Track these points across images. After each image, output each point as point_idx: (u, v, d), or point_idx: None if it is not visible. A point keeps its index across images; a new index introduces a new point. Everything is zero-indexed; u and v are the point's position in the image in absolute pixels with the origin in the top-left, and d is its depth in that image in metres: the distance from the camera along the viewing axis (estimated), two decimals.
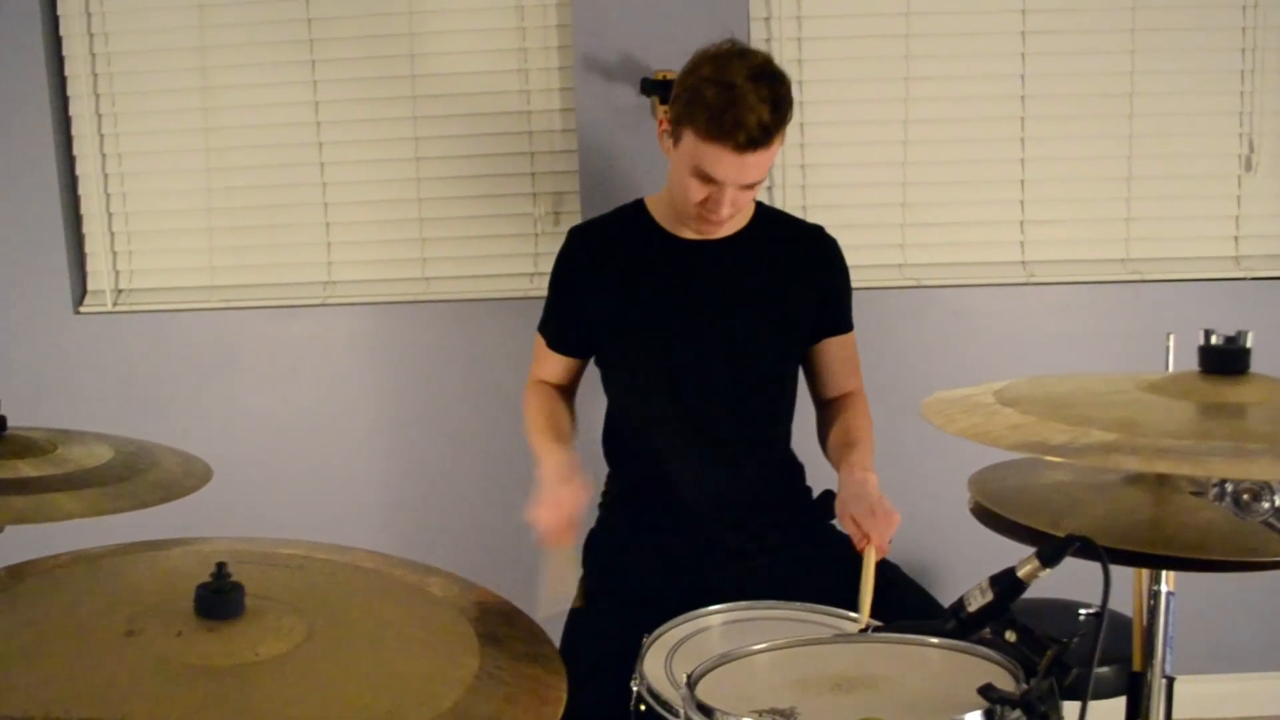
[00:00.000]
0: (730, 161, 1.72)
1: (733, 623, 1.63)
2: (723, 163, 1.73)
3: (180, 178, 2.69)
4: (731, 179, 1.75)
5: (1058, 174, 2.58)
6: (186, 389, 2.70)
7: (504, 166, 2.63)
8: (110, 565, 1.25)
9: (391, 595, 1.23)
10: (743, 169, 1.74)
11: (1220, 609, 2.57)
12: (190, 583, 1.07)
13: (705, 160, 1.74)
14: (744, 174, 1.75)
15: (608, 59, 2.49)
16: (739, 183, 1.76)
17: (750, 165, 1.73)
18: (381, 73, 2.62)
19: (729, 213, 1.80)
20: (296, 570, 1.25)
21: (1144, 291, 2.58)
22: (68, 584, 1.18)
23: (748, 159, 1.72)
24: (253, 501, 2.61)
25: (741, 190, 1.78)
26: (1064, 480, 1.48)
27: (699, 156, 1.74)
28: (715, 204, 1.78)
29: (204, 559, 1.27)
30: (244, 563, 1.25)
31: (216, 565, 1.06)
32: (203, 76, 2.64)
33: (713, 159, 1.73)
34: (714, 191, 1.78)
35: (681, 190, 1.81)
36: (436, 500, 2.71)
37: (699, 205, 1.81)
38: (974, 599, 1.14)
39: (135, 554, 1.30)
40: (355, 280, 2.70)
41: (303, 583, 1.21)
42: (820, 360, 2.02)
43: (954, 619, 1.15)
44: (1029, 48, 2.53)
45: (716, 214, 1.80)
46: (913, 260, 2.61)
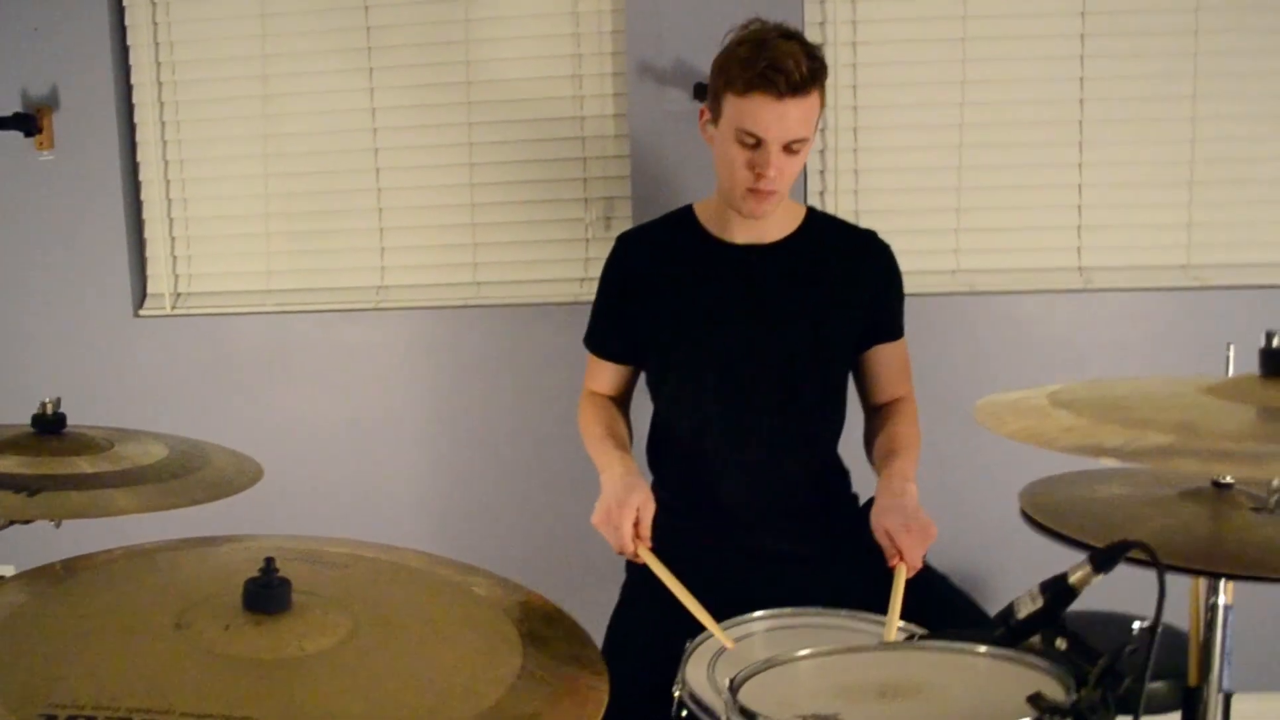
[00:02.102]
0: (771, 111, 1.72)
1: (776, 629, 1.61)
2: (764, 114, 1.72)
3: (239, 184, 2.74)
4: (774, 133, 1.74)
5: (1117, 178, 2.53)
6: (241, 390, 2.75)
7: (556, 172, 2.64)
8: (162, 560, 1.27)
9: (436, 594, 1.23)
10: (784, 120, 1.73)
11: None
12: (239, 578, 1.09)
13: (747, 116, 1.73)
14: (786, 126, 1.73)
15: (661, 65, 2.49)
16: (782, 138, 1.74)
17: (791, 116, 1.73)
18: (437, 80, 2.65)
19: (775, 175, 1.78)
20: (343, 568, 1.26)
21: (1206, 299, 2.51)
22: (120, 578, 1.20)
23: (788, 108, 1.72)
24: (302, 502, 2.64)
25: (786, 154, 1.76)
26: (1119, 494, 1.45)
27: (739, 115, 1.74)
28: (762, 165, 1.76)
29: (253, 555, 1.29)
30: (292, 559, 1.27)
31: (265, 560, 1.07)
32: (263, 85, 2.69)
33: (754, 112, 1.72)
34: (758, 155, 1.76)
35: (727, 166, 1.81)
36: (484, 504, 2.72)
37: (746, 171, 1.78)
38: (1024, 605, 1.11)
39: (186, 549, 1.32)
40: (408, 285, 2.73)
41: (349, 580, 1.22)
42: (870, 367, 1.99)
43: (1003, 626, 1.12)
44: (1088, 49, 2.48)
45: (764, 178, 1.77)
46: (967, 265, 2.57)
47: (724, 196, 1.88)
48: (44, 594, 1.12)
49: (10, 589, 1.12)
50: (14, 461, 1.44)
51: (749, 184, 1.79)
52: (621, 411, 2.05)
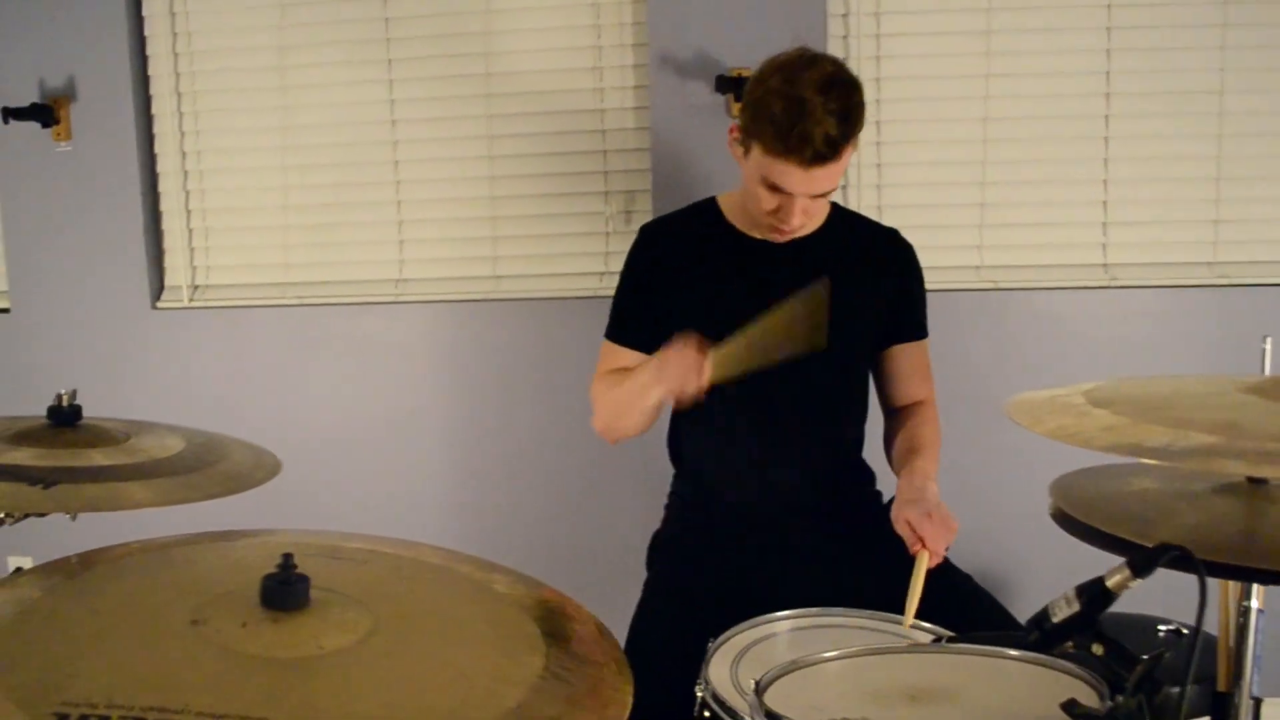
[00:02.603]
0: (798, 176, 1.70)
1: (801, 629, 1.59)
2: (790, 177, 1.70)
3: (257, 175, 2.73)
4: (800, 191, 1.73)
5: (1143, 174, 2.49)
6: (258, 383, 2.74)
7: (577, 165, 2.62)
8: (178, 555, 1.25)
9: (456, 591, 1.21)
10: (811, 182, 1.71)
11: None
12: (256, 574, 1.07)
13: (773, 173, 1.71)
14: (812, 186, 1.72)
15: (683, 56, 2.46)
16: (808, 194, 1.73)
17: (819, 178, 1.71)
18: (456, 71, 2.63)
19: (800, 222, 1.79)
20: (362, 564, 1.24)
21: (1232, 296, 2.48)
22: (135, 572, 1.18)
23: (815, 173, 1.70)
24: (320, 496, 2.63)
25: (812, 199, 1.76)
26: (1151, 488, 1.41)
27: (767, 169, 1.72)
28: (786, 214, 1.76)
29: (270, 551, 1.27)
30: (310, 555, 1.25)
31: (282, 556, 1.05)
32: (281, 76, 2.68)
33: (780, 173, 1.70)
34: (784, 201, 1.75)
35: (753, 198, 1.80)
36: (503, 500, 2.71)
37: (769, 214, 1.79)
38: (1059, 609, 1.09)
39: (203, 544, 1.30)
40: (427, 278, 2.71)
41: (368, 576, 1.20)
42: (890, 366, 1.97)
43: (1036, 630, 1.09)
44: (1114, 43, 2.45)
45: (787, 224, 1.78)
46: (990, 262, 2.54)
47: (748, 210, 1.87)
48: (58, 589, 1.10)
49: (24, 584, 1.10)
50: (29, 454, 1.42)
51: (772, 223, 1.80)
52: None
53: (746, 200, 1.85)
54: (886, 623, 1.59)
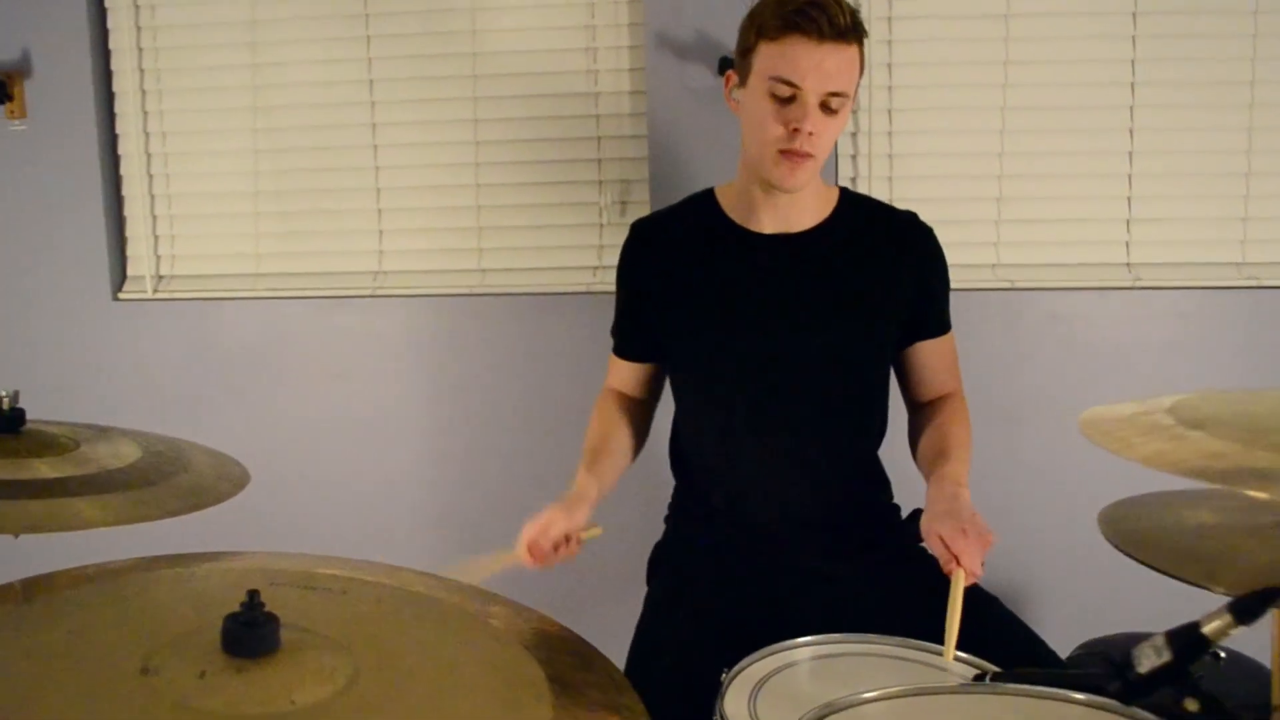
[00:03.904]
0: (809, 55, 1.57)
1: (822, 658, 1.45)
2: (801, 58, 1.57)
3: (226, 159, 2.57)
4: (811, 82, 1.58)
5: (1169, 169, 2.36)
6: (226, 382, 2.58)
7: (568, 152, 2.46)
8: (130, 584, 1.09)
9: (448, 627, 1.06)
10: (822, 67, 1.58)
11: None
12: (218, 610, 0.92)
13: (782, 62, 1.59)
14: (824, 75, 1.58)
15: (682, 37, 2.32)
16: (819, 88, 1.59)
17: (830, 64, 1.58)
18: (441, 50, 2.47)
19: (811, 132, 1.61)
20: (339, 595, 1.09)
21: (1262, 299, 2.35)
22: (79, 606, 1.02)
23: (827, 54, 1.57)
24: (291, 508, 2.48)
25: (823, 113, 1.61)
26: (1209, 522, 1.28)
27: (773, 63, 1.60)
28: (797, 120, 1.60)
29: (235, 580, 1.12)
30: (279, 585, 1.10)
31: (248, 594, 0.90)
32: (252, 53, 2.51)
33: (790, 57, 1.58)
34: (793, 110, 1.60)
35: (757, 126, 1.64)
36: (488, 508, 2.55)
37: (779, 129, 1.62)
38: (1145, 657, 0.94)
39: (157, 570, 1.14)
40: (408, 271, 2.55)
41: (347, 611, 1.05)
42: (915, 364, 1.83)
43: (1119, 680, 0.95)
44: (1140, 30, 2.31)
45: (799, 135, 1.61)
46: (1007, 260, 2.40)
47: (753, 167, 1.71)
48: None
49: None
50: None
51: (782, 144, 1.63)
52: (633, 416, 1.90)
53: (750, 144, 1.69)
54: (917, 651, 1.45)
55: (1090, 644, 1.94)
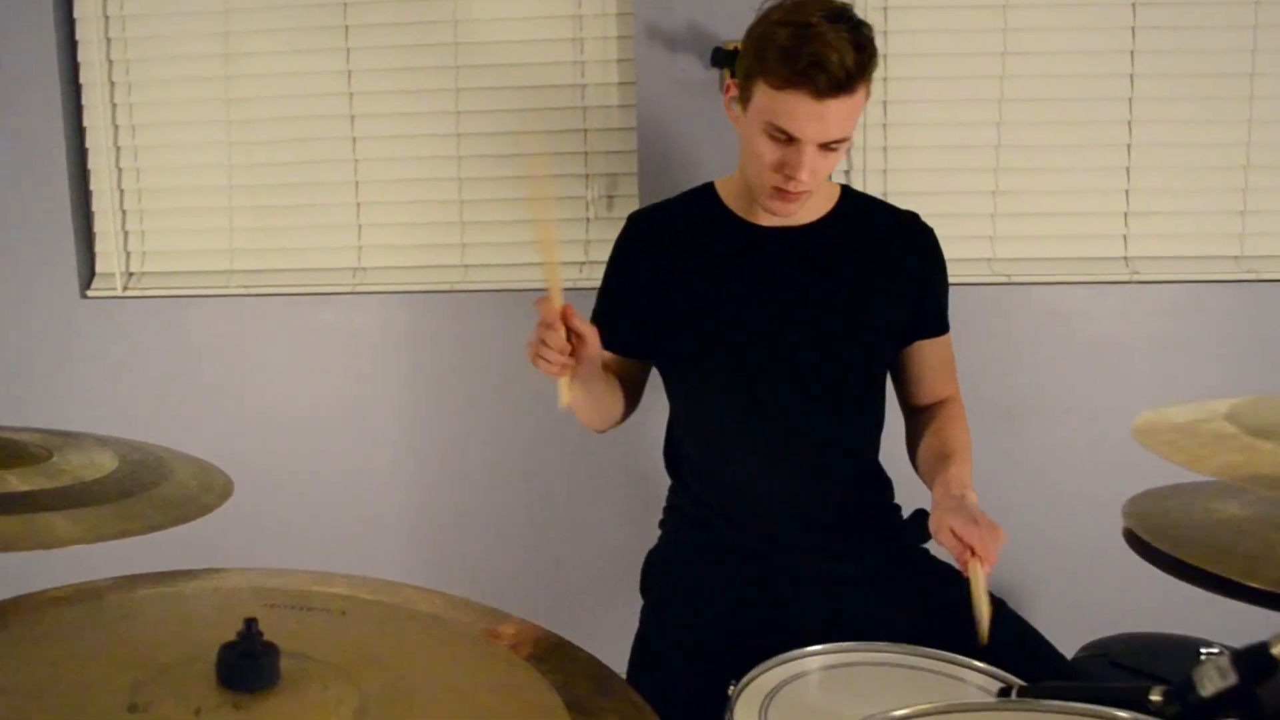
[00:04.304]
0: (808, 111, 1.50)
1: (833, 667, 1.40)
2: (800, 113, 1.50)
3: (198, 152, 2.47)
4: (810, 134, 1.52)
5: (1167, 161, 2.32)
6: (199, 383, 2.49)
7: (554, 145, 2.39)
8: (113, 606, 1.02)
9: (457, 650, 0.99)
10: (823, 120, 1.51)
11: None
12: (210, 634, 0.85)
13: (780, 113, 1.52)
14: (824, 128, 1.52)
15: (673, 27, 2.25)
16: (819, 139, 1.53)
17: (831, 117, 1.51)
18: (421, 40, 2.39)
19: (808, 179, 1.56)
20: (338, 617, 1.02)
21: (1260, 293, 2.33)
22: (56, 633, 0.95)
23: (829, 108, 1.50)
24: (267, 510, 2.40)
25: (822, 152, 1.55)
26: (1241, 515, 1.23)
27: (772, 109, 1.52)
28: (793, 167, 1.55)
29: (225, 601, 1.05)
30: (274, 605, 1.03)
31: (245, 622, 0.83)
32: (225, 42, 2.42)
33: (788, 110, 1.51)
34: (790, 154, 1.55)
35: (754, 158, 1.59)
36: (473, 511, 2.49)
37: (774, 173, 1.58)
38: (1209, 680, 0.89)
39: (140, 591, 1.07)
40: (387, 267, 2.47)
41: (348, 635, 0.98)
42: (913, 364, 1.79)
43: (1178, 703, 0.90)
44: (1140, 20, 2.27)
45: (795, 180, 1.56)
46: (1004, 254, 2.36)
47: (748, 181, 1.66)
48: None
49: None
50: None
51: (777, 184, 1.58)
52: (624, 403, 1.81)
53: (746, 168, 1.65)
54: (930, 660, 1.41)
55: (1092, 645, 1.91)
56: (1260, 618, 1.26)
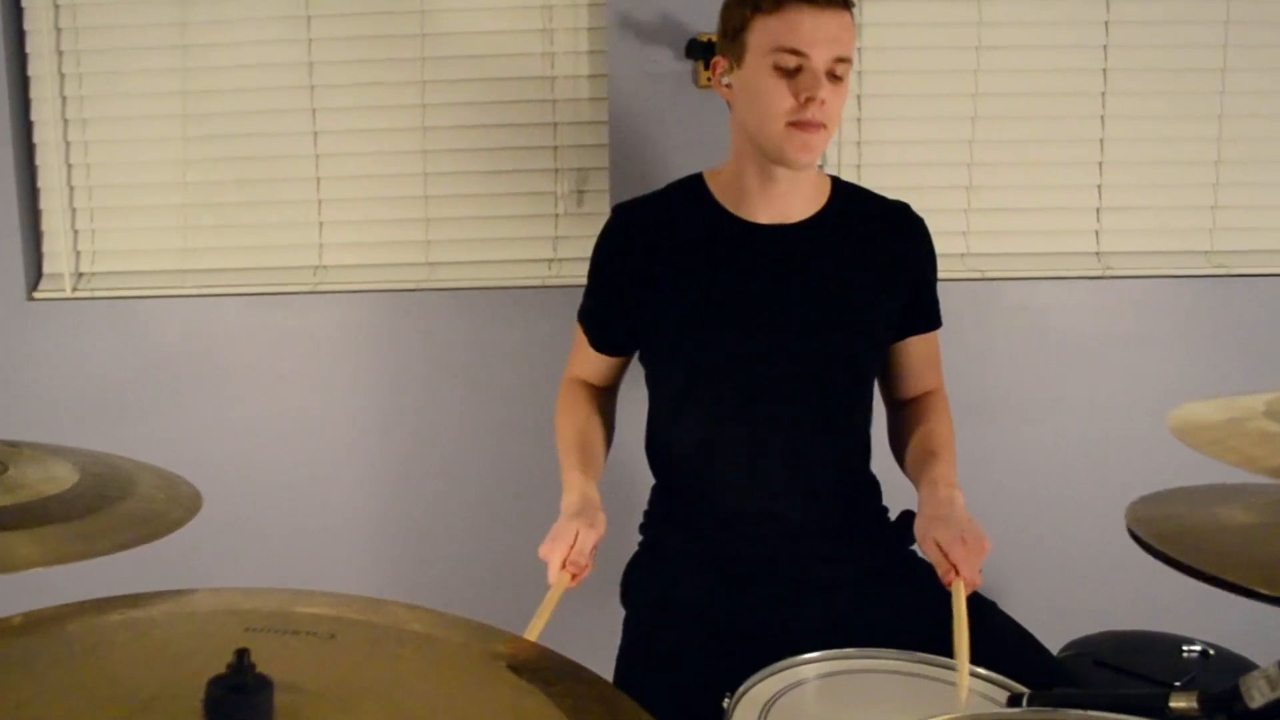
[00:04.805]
0: (812, 23, 1.52)
1: (830, 675, 1.37)
2: (804, 25, 1.52)
3: (152, 147, 2.38)
4: (819, 49, 1.52)
5: (1139, 157, 2.32)
6: (153, 387, 2.40)
7: (523, 139, 2.34)
8: (77, 634, 0.95)
9: (457, 672, 0.94)
10: (826, 32, 1.52)
11: None
12: (190, 665, 0.80)
13: (785, 32, 1.52)
14: (830, 41, 1.53)
15: (645, 18, 2.20)
16: (827, 53, 1.53)
17: (834, 29, 1.53)
18: (385, 31, 2.32)
19: (826, 107, 1.54)
20: (326, 640, 0.95)
21: (1230, 287, 2.33)
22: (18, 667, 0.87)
23: (830, 20, 1.53)
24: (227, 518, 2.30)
25: (830, 80, 1.54)
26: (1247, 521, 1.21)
27: (776, 34, 1.53)
28: (810, 87, 1.53)
29: (204, 626, 0.99)
30: (255, 630, 0.97)
31: (236, 654, 0.77)
32: (181, 33, 2.33)
33: (792, 26, 1.52)
34: (802, 81, 1.53)
35: (764, 103, 1.56)
36: (439, 516, 2.43)
37: (790, 106, 1.54)
38: (1257, 690, 0.86)
39: (108, 616, 0.99)
40: (350, 265, 2.40)
41: (339, 660, 0.92)
42: (902, 359, 1.77)
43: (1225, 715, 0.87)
44: (1113, 15, 2.27)
45: (812, 103, 1.53)
46: (977, 249, 2.34)
47: (759, 148, 1.61)
48: None
49: None
50: None
51: (793, 115, 1.55)
52: (605, 408, 1.81)
53: (759, 123, 1.59)
54: (927, 665, 1.39)
55: (1074, 644, 1.90)
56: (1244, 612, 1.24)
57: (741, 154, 1.65)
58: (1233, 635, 1.83)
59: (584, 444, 1.71)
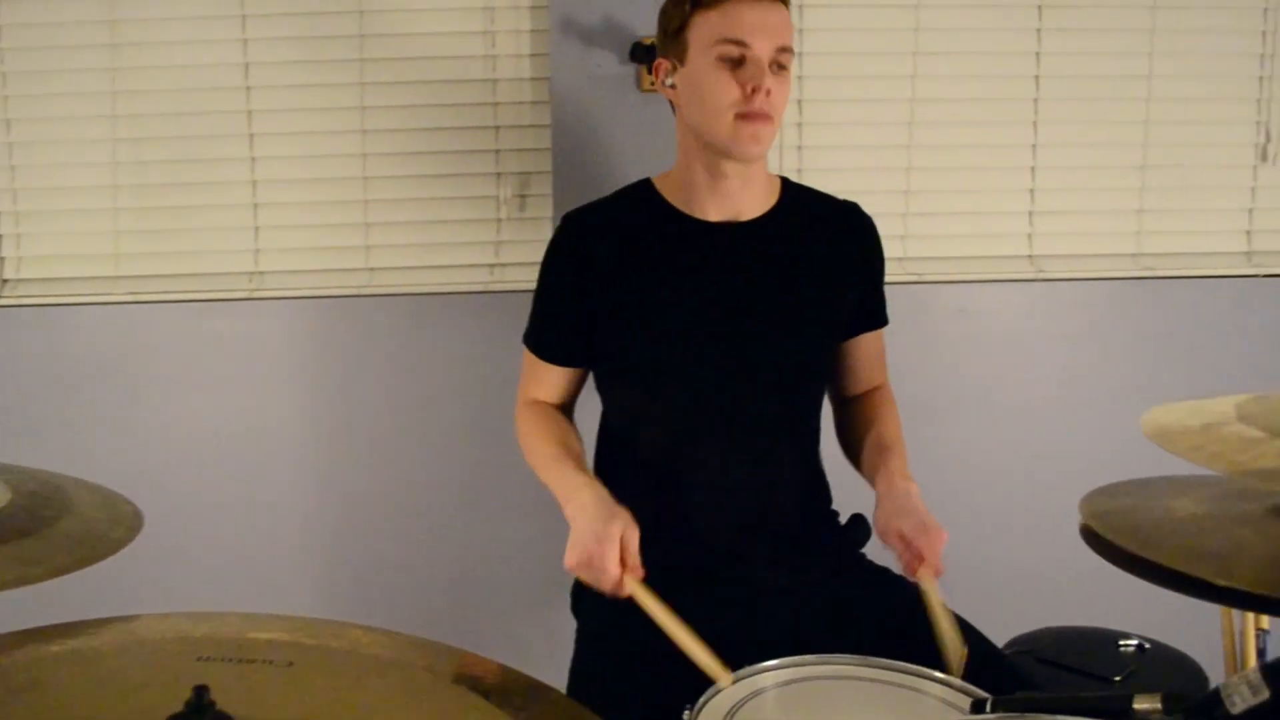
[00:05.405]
0: (752, 12, 1.56)
1: (790, 683, 1.36)
2: (746, 17, 1.56)
3: (81, 149, 2.31)
4: (761, 39, 1.56)
5: (1070, 162, 2.38)
6: (83, 398, 2.32)
7: (464, 142, 2.31)
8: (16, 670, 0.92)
9: (426, 699, 0.93)
10: (768, 22, 1.56)
11: None
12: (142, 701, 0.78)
13: (728, 24, 1.56)
14: (772, 31, 1.57)
15: (588, 21, 2.19)
16: (770, 43, 1.56)
17: (775, 20, 1.58)
18: (324, 31, 2.28)
19: (770, 93, 1.56)
20: (284, 668, 0.94)
21: (1155, 288, 2.40)
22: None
23: (769, 11, 1.57)
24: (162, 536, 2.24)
25: (774, 69, 1.57)
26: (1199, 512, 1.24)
27: (718, 27, 1.56)
28: (755, 77, 1.55)
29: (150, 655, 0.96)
30: (208, 659, 0.95)
31: (194, 691, 0.75)
32: (111, 31, 2.26)
33: (734, 19, 1.56)
34: (746, 72, 1.56)
35: (711, 98, 1.58)
36: (382, 527, 2.39)
37: (734, 91, 1.56)
38: (1238, 695, 0.87)
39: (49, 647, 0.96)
40: (288, 270, 2.36)
41: (300, 690, 0.91)
42: (851, 356, 1.80)
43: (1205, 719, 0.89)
44: (1045, 22, 2.32)
45: (758, 94, 1.55)
46: (914, 253, 2.38)
47: (710, 142, 1.62)
48: None
49: None
50: None
51: (740, 107, 1.57)
52: (571, 423, 1.77)
53: (704, 120, 1.60)
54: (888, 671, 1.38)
55: (1018, 641, 1.94)
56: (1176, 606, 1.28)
57: (689, 154, 1.66)
58: (1166, 629, 1.88)
59: (569, 451, 1.67)
